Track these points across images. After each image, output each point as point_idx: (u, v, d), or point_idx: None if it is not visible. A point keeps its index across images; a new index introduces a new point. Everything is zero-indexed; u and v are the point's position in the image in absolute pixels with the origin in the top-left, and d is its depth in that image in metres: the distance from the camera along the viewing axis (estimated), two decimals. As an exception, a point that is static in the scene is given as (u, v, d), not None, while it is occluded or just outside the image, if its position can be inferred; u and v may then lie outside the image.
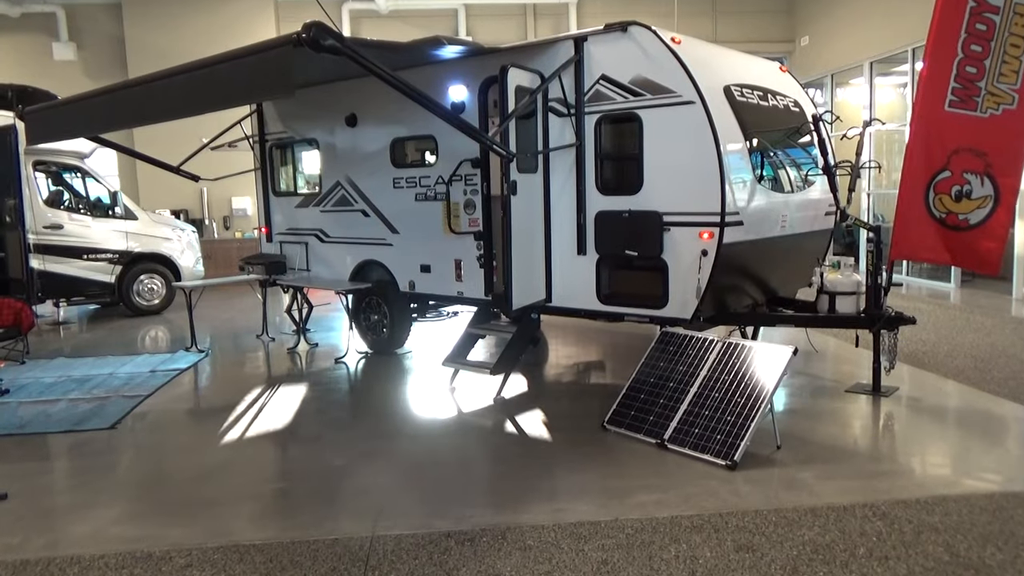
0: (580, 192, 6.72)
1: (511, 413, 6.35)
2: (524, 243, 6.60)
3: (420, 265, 8.06)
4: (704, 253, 6.02)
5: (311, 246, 9.37)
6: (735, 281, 6.64)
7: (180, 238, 12.88)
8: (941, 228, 6.17)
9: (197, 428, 6.40)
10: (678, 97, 6.05)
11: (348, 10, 16.78)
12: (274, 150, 9.75)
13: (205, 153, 10.06)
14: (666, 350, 5.90)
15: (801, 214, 7.19)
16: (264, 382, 7.67)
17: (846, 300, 6.55)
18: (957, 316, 10.13)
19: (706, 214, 6.02)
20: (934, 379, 7.06)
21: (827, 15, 16.47)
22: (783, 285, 7.47)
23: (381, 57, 6.20)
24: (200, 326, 10.85)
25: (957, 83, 5.92)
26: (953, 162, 6.01)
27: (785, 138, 7.09)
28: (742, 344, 5.53)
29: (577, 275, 6.83)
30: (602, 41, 6.50)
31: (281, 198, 9.76)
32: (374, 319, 8.76)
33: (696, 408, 5.35)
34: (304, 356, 8.92)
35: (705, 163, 5.95)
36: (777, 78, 7.56)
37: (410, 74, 7.65)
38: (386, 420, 6.30)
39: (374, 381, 7.69)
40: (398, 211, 8.25)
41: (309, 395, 7.17)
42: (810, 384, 6.94)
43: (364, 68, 4.96)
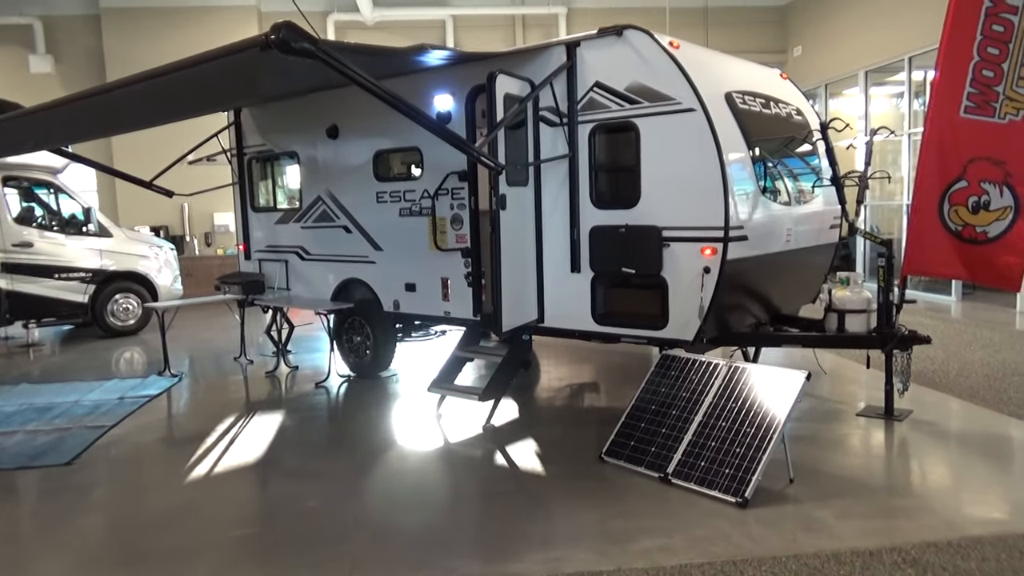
0: (573, 206, 6.33)
1: (501, 443, 5.93)
2: (514, 260, 6.20)
3: (405, 284, 7.64)
4: (706, 270, 5.63)
5: (291, 264, 8.94)
6: (739, 299, 6.25)
7: (157, 256, 12.41)
8: (957, 241, 5.81)
9: (162, 463, 5.93)
10: (677, 104, 5.68)
11: (333, 21, 16.45)
12: (253, 164, 9.33)
13: (184, 168, 9.66)
14: (667, 375, 5.49)
15: (806, 227, 6.82)
16: (238, 410, 7.20)
17: (856, 318, 6.17)
18: (963, 331, 9.79)
19: (708, 228, 5.63)
20: (948, 400, 6.68)
21: (820, 25, 16.24)
22: (787, 302, 7.09)
23: (360, 63, 5.80)
24: (177, 348, 10.42)
25: (973, 88, 5.58)
26: (969, 171, 5.66)
27: (789, 147, 6.73)
28: (749, 368, 5.13)
29: (571, 294, 6.43)
30: (596, 46, 6.14)
31: (260, 214, 9.33)
32: (357, 340, 8.32)
33: (701, 439, 4.94)
34: (283, 380, 8.46)
35: (707, 174, 5.58)
36: (778, 85, 7.21)
37: (394, 83, 7.28)
38: (366, 453, 5.86)
39: (356, 408, 7.24)
40: (382, 227, 7.84)
41: (285, 424, 6.71)
42: (818, 407, 6.54)
43: (340, 73, 4.56)
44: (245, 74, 4.17)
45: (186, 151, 9.10)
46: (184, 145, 9.21)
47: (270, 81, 6.29)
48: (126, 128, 5.75)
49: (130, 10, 15.98)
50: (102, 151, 16.21)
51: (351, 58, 4.82)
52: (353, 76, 4.61)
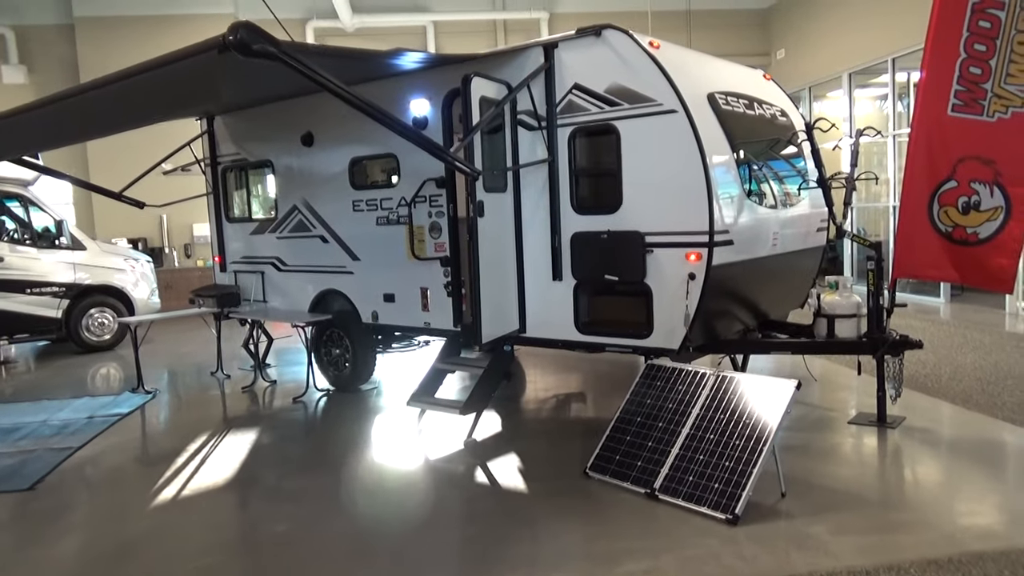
0: (554, 212, 6.14)
1: (483, 458, 5.71)
2: (494, 269, 6.00)
3: (383, 294, 7.42)
4: (691, 276, 5.45)
5: (267, 275, 8.71)
6: (726, 306, 6.07)
7: (133, 268, 12.12)
8: (947, 243, 5.66)
9: (129, 486, 5.67)
10: (658, 106, 5.51)
11: (313, 28, 16.25)
12: (227, 173, 9.10)
13: (160, 179, 9.43)
14: (652, 385, 5.30)
15: (793, 230, 6.66)
16: (212, 427, 6.95)
17: (846, 323, 6.01)
18: (953, 333, 9.66)
19: (693, 233, 5.46)
20: (941, 406, 6.52)
21: (803, 27, 16.19)
22: (775, 307, 6.93)
23: (329, 66, 5.60)
24: (155, 362, 10.17)
25: (960, 86, 5.44)
26: (959, 171, 5.52)
27: (774, 149, 6.57)
28: (737, 377, 4.95)
29: (553, 303, 6.24)
30: (574, 47, 5.97)
31: (235, 224, 9.10)
32: (336, 353, 8.09)
33: (689, 452, 4.74)
34: (261, 395, 8.21)
35: (690, 177, 5.41)
36: (762, 86, 7.07)
37: (368, 88, 7.09)
38: (342, 471, 5.63)
39: (334, 424, 7.01)
40: (359, 236, 7.63)
41: (259, 442, 6.47)
42: (809, 415, 6.37)
43: (305, 77, 4.35)
44: (206, 78, 3.97)
45: (167, 164, 8.88)
46: (160, 155, 8.98)
47: (236, 85, 6.08)
48: (93, 134, 5.53)
49: (104, 19, 15.71)
50: (78, 162, 15.94)
51: (318, 61, 4.62)
52: (319, 80, 4.41)
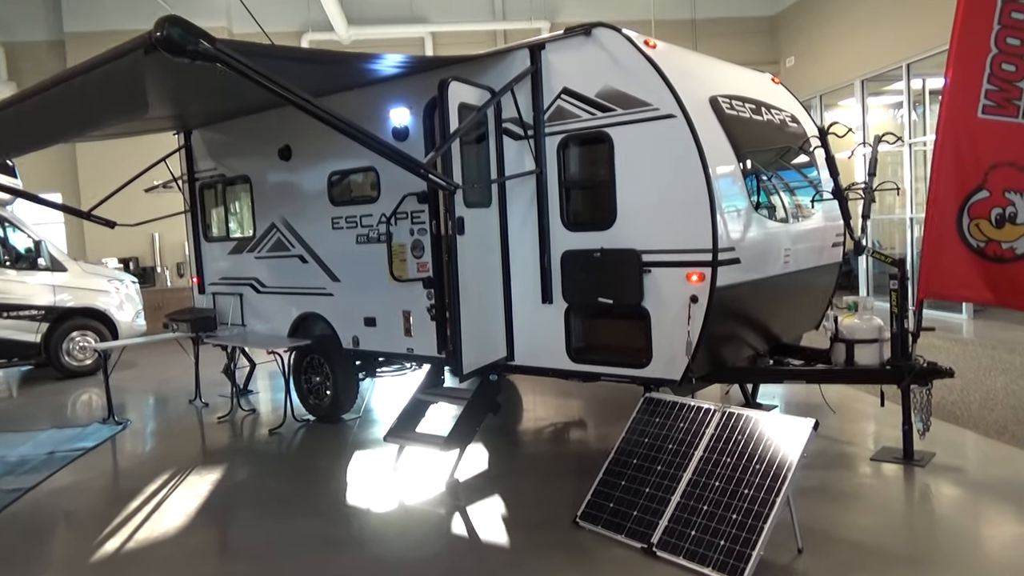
0: (543, 228, 5.61)
1: (465, 502, 5.15)
2: (476, 291, 5.47)
3: (364, 318, 6.89)
4: (694, 299, 4.89)
5: (246, 297, 8.21)
6: (733, 330, 5.51)
7: (118, 290, 11.66)
8: (980, 260, 5.07)
9: (72, 536, 5.14)
10: (655, 111, 4.98)
11: (308, 41, 15.87)
12: (205, 190, 8.64)
13: (141, 197, 9.01)
14: (650, 422, 4.73)
15: (806, 246, 6.10)
16: (175, 465, 6.41)
17: (867, 349, 5.43)
18: (979, 354, 9.03)
19: (694, 251, 4.90)
20: (973, 439, 5.91)
21: (813, 34, 15.65)
22: (788, 330, 6.35)
23: (292, 71, 5.11)
24: (134, 389, 9.72)
25: (992, 84, 4.88)
26: (991, 179, 4.94)
27: (784, 157, 6.01)
28: (746, 415, 4.37)
29: (543, 328, 5.69)
30: (563, 48, 5.46)
31: (214, 243, 8.62)
32: (316, 381, 7.56)
33: (691, 501, 4.16)
34: (237, 426, 7.68)
35: (691, 188, 4.86)
36: (770, 90, 6.53)
37: (346, 97, 6.66)
38: (309, 518, 5.07)
39: (307, 460, 6.46)
40: (338, 256, 7.12)
41: (222, 483, 5.93)
42: (828, 451, 5.77)
43: (251, 81, 3.85)
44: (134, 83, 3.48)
45: (139, 178, 8.43)
46: (149, 172, 8.57)
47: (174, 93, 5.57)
48: (41, 143, 5.04)
49: (95, 35, 15.34)
50: (69, 179, 15.61)
51: (271, 65, 4.13)
52: (270, 87, 3.90)
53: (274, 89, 3.93)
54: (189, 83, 5.02)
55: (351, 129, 4.35)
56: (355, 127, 4.38)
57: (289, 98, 4.04)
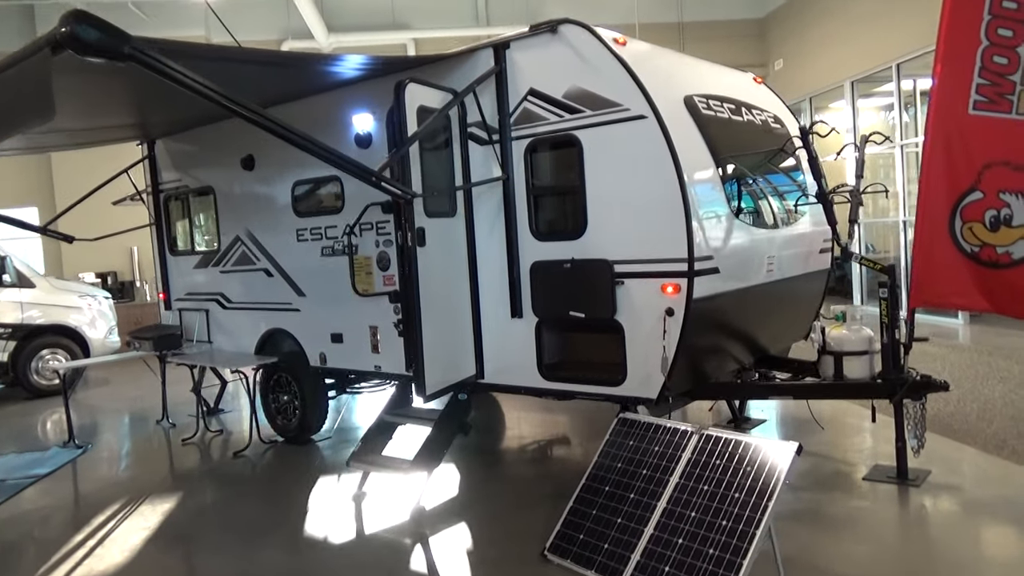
0: (511, 238, 5.28)
1: (430, 531, 4.82)
2: (439, 306, 5.14)
3: (331, 334, 6.56)
4: (670, 312, 4.57)
5: (212, 313, 7.87)
6: (714, 344, 5.19)
7: (90, 306, 11.30)
8: (974, 265, 4.76)
9: (11, 573, 4.79)
10: (625, 111, 4.67)
11: (288, 48, 15.57)
12: (170, 202, 8.31)
13: (109, 210, 8.71)
14: (624, 445, 4.39)
15: (792, 253, 5.79)
16: (132, 492, 6.05)
17: (856, 362, 5.11)
18: (976, 361, 8.72)
19: (669, 261, 4.58)
20: (971, 454, 5.59)
21: (802, 36, 15.40)
22: (774, 342, 6.03)
23: (239, 75, 4.82)
24: (103, 408, 9.42)
25: (983, 79, 4.58)
26: (985, 179, 4.64)
27: (766, 160, 5.70)
28: (724, 437, 4.04)
29: (513, 343, 5.36)
30: (528, 47, 5.15)
31: (179, 257, 8.29)
32: (284, 400, 7.21)
33: (666, 533, 3.83)
34: (203, 448, 7.33)
35: (664, 194, 4.54)
36: (752, 90, 6.23)
37: (308, 102, 6.37)
38: (262, 551, 4.72)
39: (269, 486, 6.11)
40: (304, 269, 6.79)
41: (178, 511, 5.58)
42: (817, 469, 5.44)
43: (179, 85, 3.53)
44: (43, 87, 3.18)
45: (100, 191, 8.12)
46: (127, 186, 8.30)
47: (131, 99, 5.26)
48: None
49: (70, 45, 15.07)
50: (45, 192, 15.27)
51: (211, 68, 3.82)
52: (199, 90, 3.59)
53: (205, 93, 3.62)
54: (119, 87, 4.70)
55: (295, 136, 4.04)
56: (299, 134, 4.07)
57: (222, 103, 3.74)
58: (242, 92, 5.93)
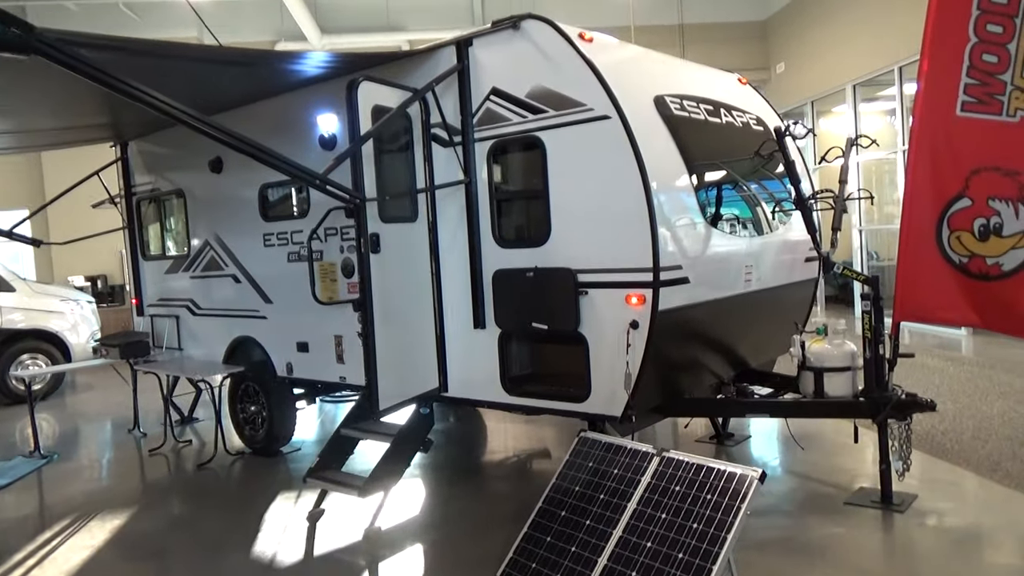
0: (473, 245, 5.02)
1: (384, 555, 4.55)
2: (397, 315, 4.89)
3: (297, 343, 6.33)
4: (633, 325, 4.29)
5: (183, 320, 7.65)
6: (686, 358, 4.91)
7: (72, 311, 11.11)
8: (962, 278, 4.46)
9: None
10: (588, 111, 4.40)
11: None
12: (142, 205, 8.11)
13: (99, 212, 8.52)
14: (582, 466, 4.12)
15: (773, 262, 5.50)
16: (87, 507, 5.82)
17: (838, 379, 4.81)
18: (976, 375, 8.37)
19: (634, 270, 4.31)
20: (963, 477, 5.27)
21: (803, 38, 15.09)
22: (756, 355, 5.74)
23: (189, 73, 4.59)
24: (80, 415, 9.24)
25: (972, 78, 4.29)
26: (973, 186, 4.34)
27: (745, 164, 5.41)
28: (687, 462, 3.76)
29: (476, 355, 5.10)
30: (491, 44, 4.89)
31: (152, 262, 8.08)
32: (252, 411, 6.97)
33: (619, 565, 3.55)
34: (170, 459, 7.10)
35: (628, 199, 4.27)
36: (734, 91, 5.95)
37: (272, 103, 6.17)
38: (209, 573, 4.48)
39: (227, 501, 5.86)
40: (271, 276, 6.56)
41: (127, 529, 5.34)
42: (797, 492, 5.15)
43: (89, 79, 3.29)
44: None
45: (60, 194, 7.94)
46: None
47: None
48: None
49: (62, 46, 14.96)
50: (36, 199, 15.12)
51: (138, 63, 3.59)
52: (116, 84, 3.35)
53: (124, 89, 3.38)
54: (85, 85, 4.46)
55: (226, 137, 3.80)
56: (232, 134, 3.83)
57: (146, 100, 3.50)
58: (199, 92, 5.79)
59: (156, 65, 4.21)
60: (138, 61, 3.93)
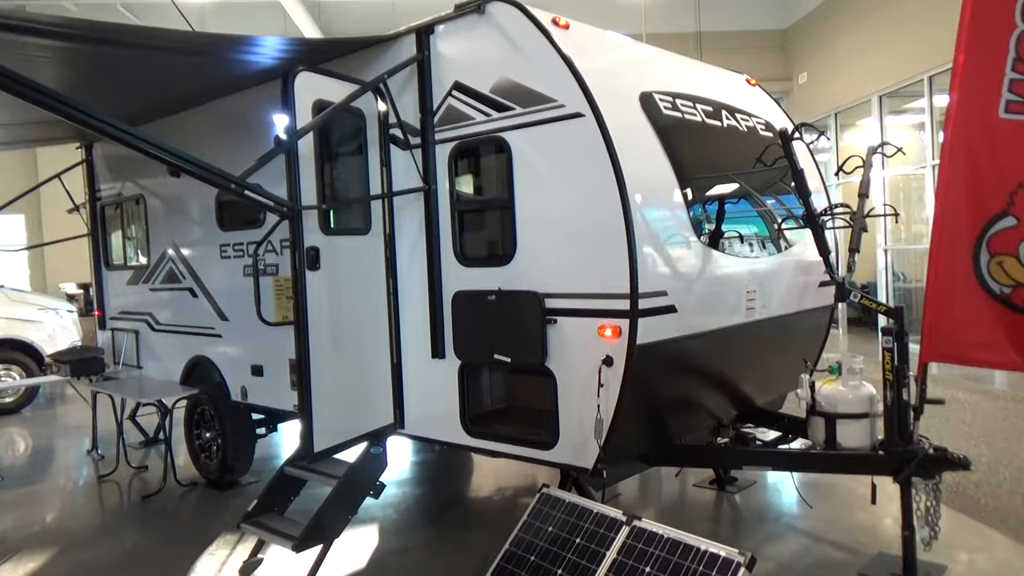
0: (432, 262, 4.38)
1: (313, 622, 3.90)
2: (347, 341, 4.26)
3: (251, 365, 5.73)
4: (607, 362, 3.61)
5: (142, 335, 7.09)
6: (676, 397, 4.22)
7: (51, 320, 10.63)
8: (1005, 311, 3.73)
9: None
10: (559, 108, 3.75)
11: (283, 56, 14.97)
12: (106, 211, 7.59)
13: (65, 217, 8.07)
14: (540, 531, 3.45)
15: (783, 286, 4.80)
16: (7, 541, 5.25)
17: (853, 427, 4.08)
18: (1012, 412, 7.56)
19: (608, 296, 3.63)
20: (1000, 544, 4.51)
21: (827, 48, 14.35)
22: (762, 392, 5.02)
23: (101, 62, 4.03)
24: (48, 433, 8.71)
25: (1018, 72, 3.58)
26: (1020, 202, 3.62)
27: (752, 173, 4.72)
28: (661, 535, 3.07)
29: (434, 389, 4.44)
30: (454, 31, 4.27)
31: (114, 272, 7.55)
32: (207, 437, 6.38)
33: (572, 665, 2.87)
34: (119, 487, 6.51)
35: (602, 211, 3.61)
36: (740, 92, 5.27)
37: (229, 101, 5.63)
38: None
39: (164, 542, 5.23)
40: (226, 290, 5.98)
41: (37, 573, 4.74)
42: (801, 556, 4.42)
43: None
44: None
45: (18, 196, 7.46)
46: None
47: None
48: None
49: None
50: (31, 201, 14.76)
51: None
52: None
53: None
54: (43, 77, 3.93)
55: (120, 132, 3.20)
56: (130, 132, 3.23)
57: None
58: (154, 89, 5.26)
59: (95, 53, 3.67)
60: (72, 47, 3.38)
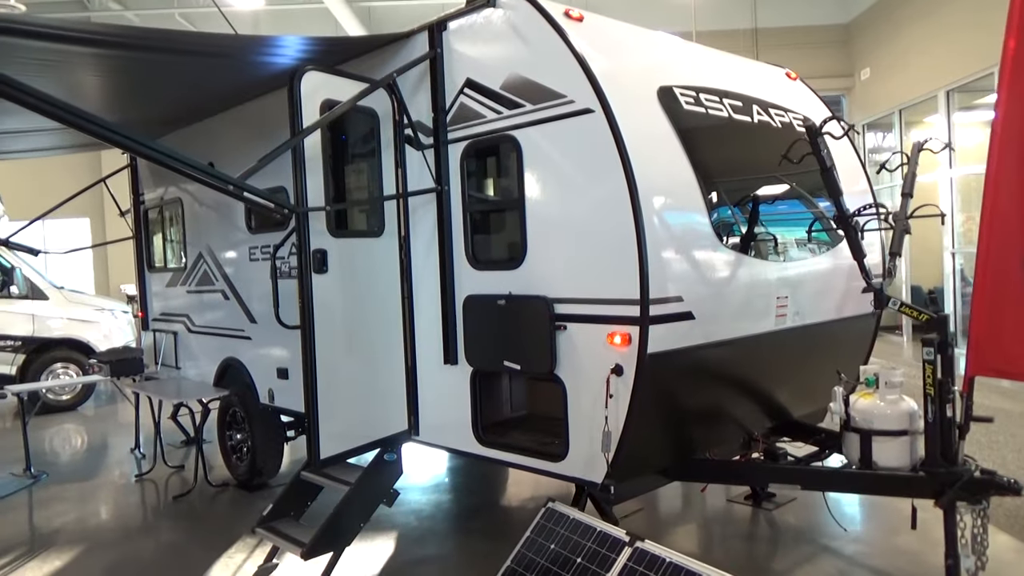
0: (444, 265, 4.25)
1: (319, 632, 3.81)
2: (360, 346, 4.17)
3: (277, 368, 5.72)
4: (617, 371, 3.41)
5: (180, 336, 7.20)
6: (698, 409, 3.98)
7: (106, 320, 10.96)
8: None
9: None
10: (568, 104, 3.58)
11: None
12: (149, 214, 7.74)
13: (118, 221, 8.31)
14: (542, 548, 3.27)
15: (818, 292, 4.50)
16: (29, 542, 5.35)
17: (890, 445, 3.77)
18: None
19: (619, 302, 3.43)
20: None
21: (891, 41, 13.69)
22: (797, 404, 4.72)
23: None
24: (97, 430, 8.87)
25: (1077, 57, 3.23)
26: (1078, 201, 3.27)
27: (783, 172, 4.44)
28: (666, 559, 2.86)
29: (446, 396, 4.32)
30: (466, 27, 4.14)
31: (155, 274, 7.70)
32: (238, 439, 6.42)
33: None
34: (156, 486, 6.61)
35: (613, 213, 3.41)
36: (777, 86, 4.99)
37: (259, 103, 5.64)
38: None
39: (187, 543, 5.26)
40: (255, 292, 6.00)
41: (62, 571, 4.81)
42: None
43: None
44: None
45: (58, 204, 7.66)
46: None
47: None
48: None
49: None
50: (95, 205, 15.33)
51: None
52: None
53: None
54: (91, 82, 4.02)
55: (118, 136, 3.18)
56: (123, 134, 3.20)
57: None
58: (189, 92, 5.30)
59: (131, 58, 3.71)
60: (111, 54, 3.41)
